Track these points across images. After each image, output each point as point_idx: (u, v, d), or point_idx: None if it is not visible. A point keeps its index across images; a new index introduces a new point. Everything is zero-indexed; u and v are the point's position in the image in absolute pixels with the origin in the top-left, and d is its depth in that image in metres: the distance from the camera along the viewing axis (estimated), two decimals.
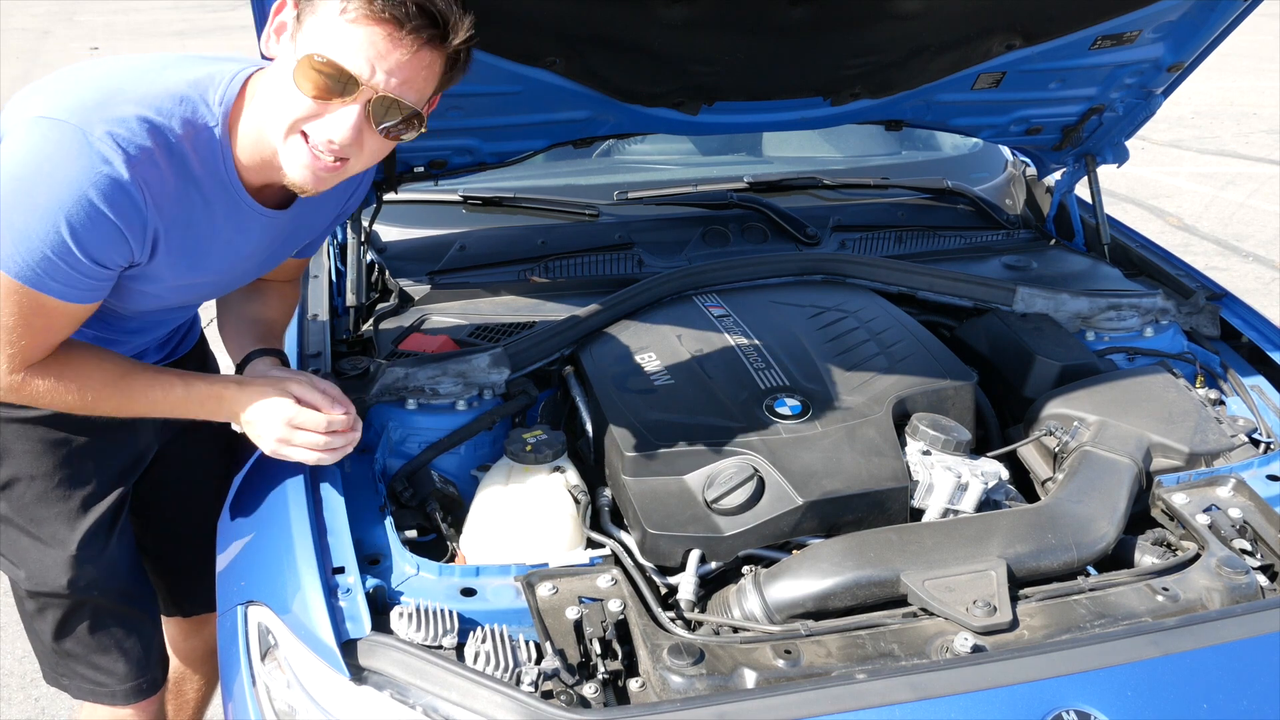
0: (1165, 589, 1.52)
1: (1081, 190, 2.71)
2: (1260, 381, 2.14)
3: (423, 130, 1.45)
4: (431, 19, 1.33)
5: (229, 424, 1.67)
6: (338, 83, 1.34)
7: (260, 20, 1.45)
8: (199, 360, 2.01)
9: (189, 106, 1.43)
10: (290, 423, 1.57)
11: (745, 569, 1.61)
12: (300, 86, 1.35)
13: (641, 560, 1.63)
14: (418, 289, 2.33)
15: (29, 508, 1.72)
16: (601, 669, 1.42)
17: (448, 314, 2.22)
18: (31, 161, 1.34)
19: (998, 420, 2.04)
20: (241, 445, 1.92)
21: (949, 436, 1.75)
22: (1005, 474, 1.78)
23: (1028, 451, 1.92)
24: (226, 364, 2.22)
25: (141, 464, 1.87)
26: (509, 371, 1.95)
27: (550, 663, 1.38)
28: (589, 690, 1.39)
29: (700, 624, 1.54)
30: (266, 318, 1.82)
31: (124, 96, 1.39)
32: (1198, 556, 1.60)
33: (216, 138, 1.45)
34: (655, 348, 1.99)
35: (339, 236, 2.37)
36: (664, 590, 1.60)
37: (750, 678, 1.37)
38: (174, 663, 2.23)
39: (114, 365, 1.56)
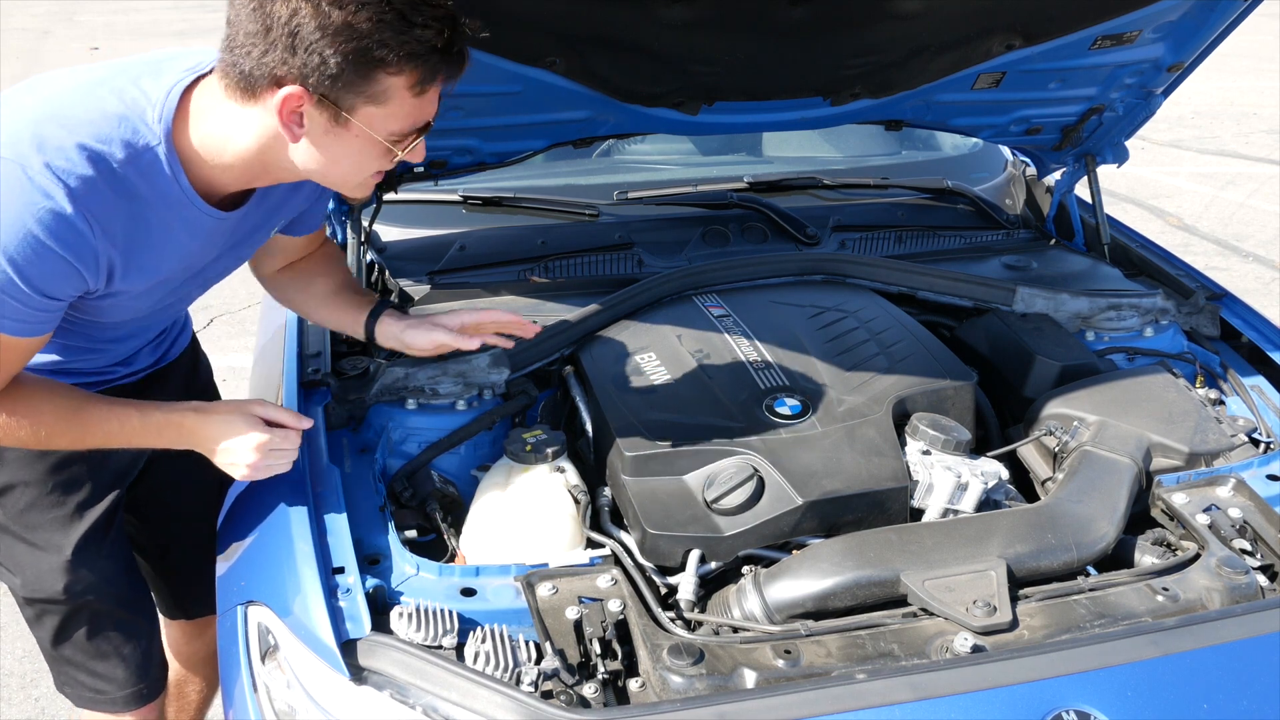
0: (1165, 589, 1.52)
1: (1081, 190, 2.71)
2: (1260, 381, 2.14)
3: None
4: (462, 55, 1.40)
5: None
6: (420, 134, 1.44)
7: None
8: (190, 362, 2.00)
9: (128, 128, 1.38)
10: (264, 447, 1.56)
11: (745, 569, 1.61)
12: (387, 155, 1.42)
13: (641, 560, 1.63)
14: (418, 289, 2.32)
15: (23, 514, 1.72)
16: (601, 669, 1.42)
17: None
18: None
19: (998, 420, 2.04)
20: None
21: (949, 436, 1.75)
22: (1005, 474, 1.78)
23: (1028, 451, 1.92)
24: (221, 365, 2.23)
25: (135, 468, 1.86)
26: (509, 371, 1.95)
27: (550, 663, 1.38)
28: (589, 690, 1.39)
29: (700, 624, 1.54)
30: (336, 280, 1.88)
31: (58, 123, 1.35)
32: (1198, 556, 1.60)
33: (162, 157, 1.40)
34: (655, 348, 1.99)
35: (339, 236, 2.37)
36: (664, 590, 1.60)
37: (750, 678, 1.37)
38: (175, 667, 2.23)
39: (66, 399, 1.53)
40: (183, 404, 1.60)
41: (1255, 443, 1.94)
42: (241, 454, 1.57)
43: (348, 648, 1.39)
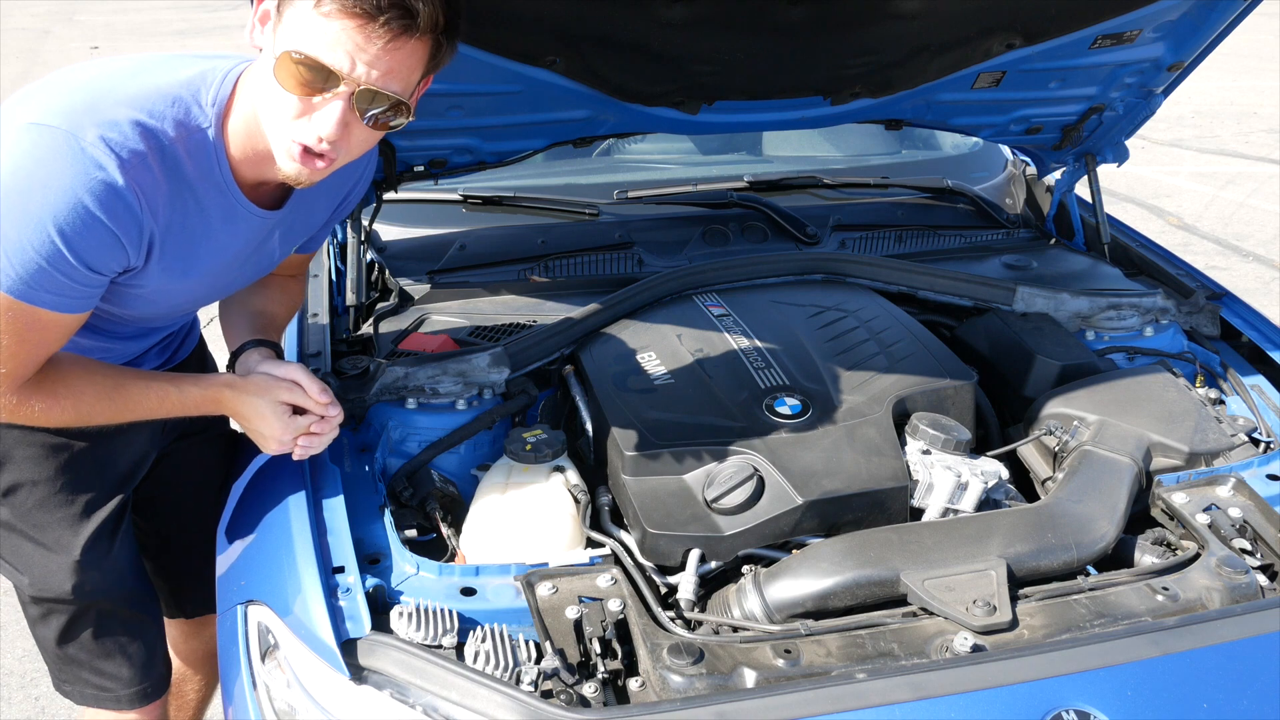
0: (1165, 589, 1.52)
1: (1081, 189, 2.71)
2: (1260, 381, 2.14)
3: (411, 118, 1.43)
4: (405, 10, 1.30)
5: (230, 426, 1.67)
6: (319, 78, 1.32)
7: None
8: (198, 363, 2.01)
9: (181, 108, 1.41)
10: (285, 435, 1.61)
11: (745, 568, 1.61)
12: (283, 83, 1.33)
13: (641, 560, 1.63)
14: (418, 288, 2.33)
15: (31, 513, 1.72)
16: (601, 668, 1.42)
17: (448, 313, 2.22)
18: (22, 170, 1.31)
19: (998, 420, 2.04)
20: (242, 447, 1.92)
21: (949, 436, 1.75)
22: (1005, 474, 1.78)
23: (1028, 451, 1.92)
24: (222, 365, 2.23)
25: (142, 468, 1.86)
26: (509, 371, 1.94)
27: (550, 662, 1.38)
28: (589, 690, 1.39)
29: (700, 623, 1.54)
30: (267, 310, 1.82)
31: (115, 99, 1.37)
32: (1198, 556, 1.60)
33: (210, 140, 1.43)
34: (655, 347, 1.99)
35: (339, 235, 2.37)
36: (664, 590, 1.60)
37: (750, 677, 1.37)
38: (174, 664, 2.23)
39: (105, 377, 1.55)
40: (217, 379, 1.63)
41: (1255, 442, 1.93)
42: (267, 443, 1.63)
43: (348, 647, 1.39)
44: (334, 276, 2.35)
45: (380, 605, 1.49)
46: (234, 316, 1.79)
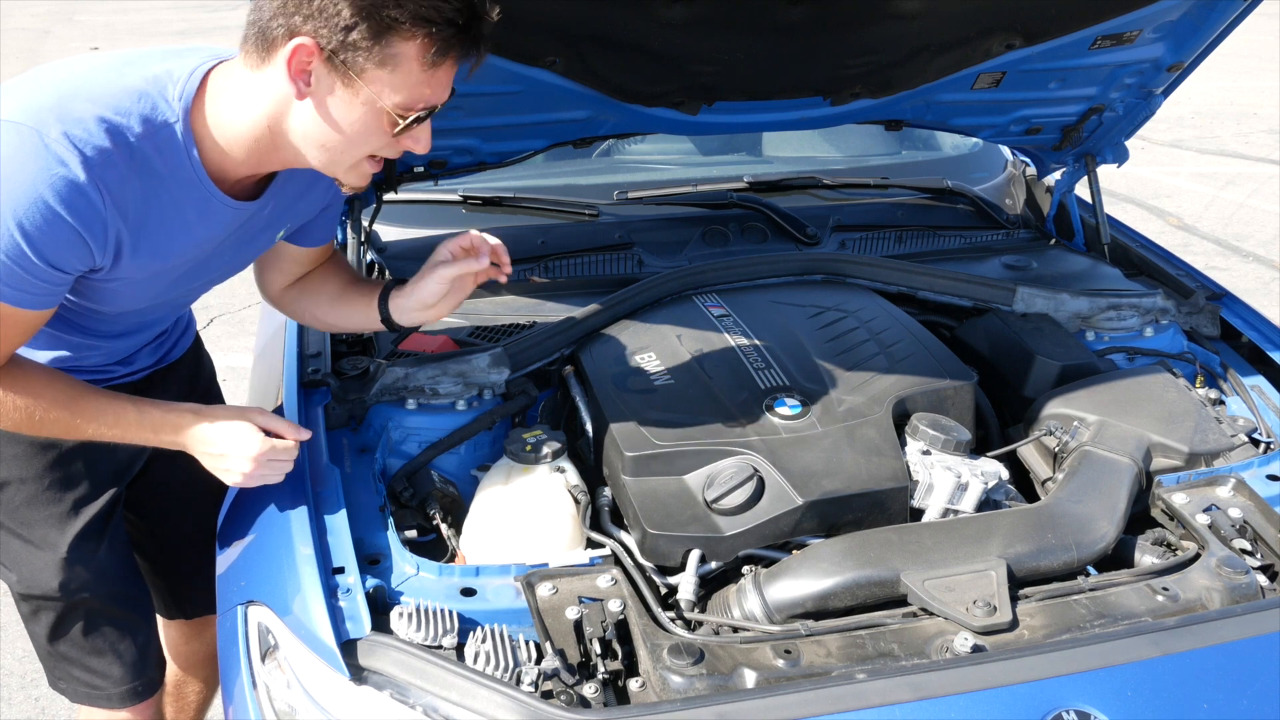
0: (1165, 589, 1.52)
1: (1081, 190, 2.71)
2: (1260, 381, 2.14)
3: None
4: (480, 36, 1.40)
5: None
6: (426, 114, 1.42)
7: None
8: (193, 361, 2.00)
9: (148, 103, 1.41)
10: (261, 459, 1.58)
11: (745, 569, 1.61)
12: (387, 128, 1.40)
13: (641, 560, 1.63)
14: None
15: (19, 511, 1.72)
16: (601, 669, 1.42)
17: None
18: None
19: (998, 420, 2.04)
20: None
21: (949, 436, 1.75)
22: (1005, 474, 1.78)
23: (1028, 451, 1.92)
24: (221, 366, 2.23)
25: (134, 466, 1.86)
26: (509, 371, 1.94)
27: (550, 663, 1.38)
28: (589, 690, 1.39)
29: (700, 624, 1.54)
30: (343, 281, 1.84)
31: (81, 96, 1.37)
32: (1198, 556, 1.60)
33: (178, 134, 1.43)
34: (655, 348, 1.99)
35: (339, 236, 2.37)
36: (664, 590, 1.60)
37: (750, 678, 1.37)
38: (174, 666, 2.23)
39: (65, 386, 1.54)
40: (182, 405, 1.61)
41: (1255, 443, 1.94)
42: (237, 462, 1.58)
43: (348, 648, 1.39)
44: None
45: (380, 606, 1.49)
46: (333, 305, 1.82)
